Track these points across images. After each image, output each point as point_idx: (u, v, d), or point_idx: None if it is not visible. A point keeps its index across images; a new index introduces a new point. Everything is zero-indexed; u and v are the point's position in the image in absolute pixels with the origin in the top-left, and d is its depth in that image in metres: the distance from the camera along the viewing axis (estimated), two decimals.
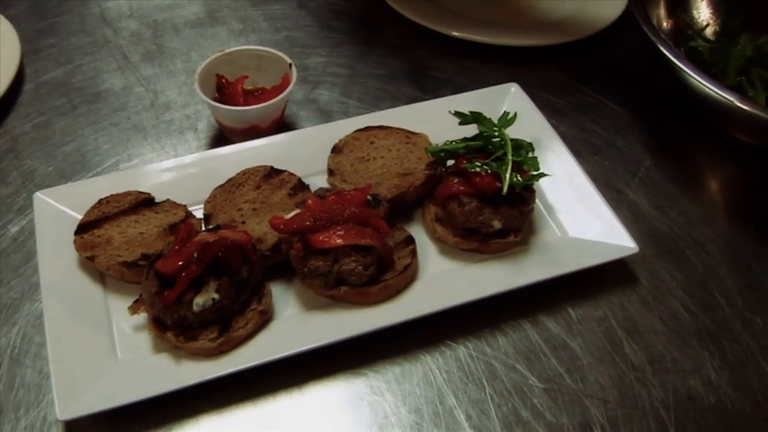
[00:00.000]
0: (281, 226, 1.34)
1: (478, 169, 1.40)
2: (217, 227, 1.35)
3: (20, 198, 1.58)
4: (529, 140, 1.50)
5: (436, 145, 1.53)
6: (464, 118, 1.47)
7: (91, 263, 1.38)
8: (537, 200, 1.49)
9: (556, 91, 1.87)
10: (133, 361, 1.29)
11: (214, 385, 1.25)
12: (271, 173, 1.52)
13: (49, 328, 1.30)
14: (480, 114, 1.47)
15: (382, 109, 1.72)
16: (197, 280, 1.26)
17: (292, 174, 1.52)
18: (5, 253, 1.49)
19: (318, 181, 1.54)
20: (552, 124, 1.65)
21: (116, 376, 1.25)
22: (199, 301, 1.25)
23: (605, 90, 1.88)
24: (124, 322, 1.34)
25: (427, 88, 1.87)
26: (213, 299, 1.26)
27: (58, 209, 1.48)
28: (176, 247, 1.29)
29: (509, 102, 1.67)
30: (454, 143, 1.48)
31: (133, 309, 1.31)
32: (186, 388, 1.23)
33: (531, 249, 1.46)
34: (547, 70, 1.94)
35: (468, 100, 1.66)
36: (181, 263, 1.26)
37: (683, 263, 1.50)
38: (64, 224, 1.45)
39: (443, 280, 1.40)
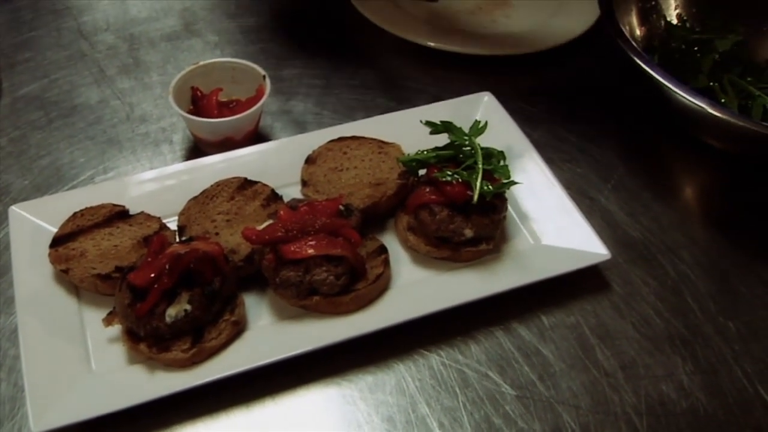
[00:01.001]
0: (253, 237, 1.34)
1: (448, 178, 1.41)
2: (190, 239, 1.36)
3: None
4: (502, 149, 1.50)
5: (408, 154, 1.53)
6: (435, 128, 1.48)
7: (65, 276, 1.38)
8: (510, 208, 1.50)
9: (530, 99, 1.88)
10: (108, 372, 1.29)
11: (187, 395, 1.25)
12: (244, 184, 1.52)
13: (24, 341, 1.30)
14: (450, 123, 1.48)
15: (356, 119, 1.72)
16: (170, 291, 1.26)
17: (265, 185, 1.53)
18: None
19: (292, 191, 1.54)
20: (525, 133, 1.66)
21: (90, 387, 1.26)
22: (172, 312, 1.25)
23: (578, 98, 1.90)
24: (98, 334, 1.33)
25: (401, 98, 1.87)
26: (185, 310, 1.26)
27: (34, 223, 1.48)
28: (149, 259, 1.29)
29: (482, 111, 1.68)
30: (425, 153, 1.49)
31: (107, 321, 1.31)
32: (159, 399, 1.23)
33: (503, 257, 1.46)
34: (520, 79, 1.95)
35: (441, 110, 1.67)
36: (153, 275, 1.26)
37: (655, 269, 1.51)
38: (39, 237, 1.45)
39: (416, 289, 1.41)
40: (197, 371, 1.27)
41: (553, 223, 1.50)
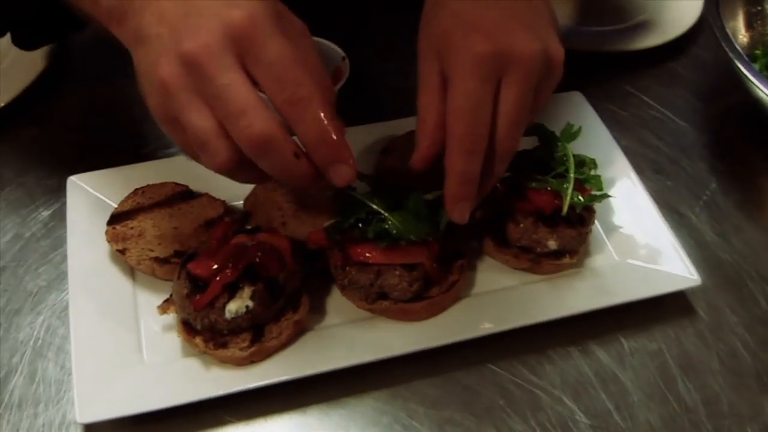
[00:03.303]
0: (323, 242, 1.28)
1: (536, 186, 1.33)
2: (257, 229, 1.28)
3: (54, 181, 1.52)
4: (589, 154, 1.41)
5: None
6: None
7: (121, 256, 1.31)
8: (595, 220, 1.41)
9: (620, 102, 1.78)
10: (160, 364, 1.22)
11: (241, 394, 1.18)
12: None
13: (74, 323, 1.24)
14: (542, 126, 1.38)
15: None
16: (231, 284, 1.19)
17: None
18: (35, 238, 1.45)
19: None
20: (614, 137, 1.57)
21: (141, 379, 1.19)
22: (232, 307, 1.18)
23: (672, 104, 1.79)
24: (152, 321, 1.27)
25: None
26: (247, 306, 1.18)
27: (92, 195, 1.42)
28: (211, 248, 1.22)
29: (571, 111, 1.59)
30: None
31: (163, 309, 1.24)
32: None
33: (585, 273, 1.37)
34: (611, 80, 1.85)
35: None
36: (215, 266, 1.18)
37: (746, 298, 1.41)
38: (96, 211, 1.39)
39: (491, 300, 1.32)
40: (255, 371, 1.20)
41: (640, 240, 1.40)
